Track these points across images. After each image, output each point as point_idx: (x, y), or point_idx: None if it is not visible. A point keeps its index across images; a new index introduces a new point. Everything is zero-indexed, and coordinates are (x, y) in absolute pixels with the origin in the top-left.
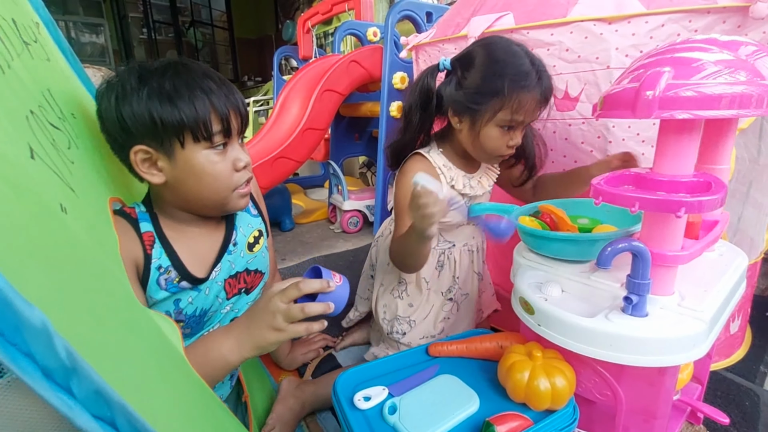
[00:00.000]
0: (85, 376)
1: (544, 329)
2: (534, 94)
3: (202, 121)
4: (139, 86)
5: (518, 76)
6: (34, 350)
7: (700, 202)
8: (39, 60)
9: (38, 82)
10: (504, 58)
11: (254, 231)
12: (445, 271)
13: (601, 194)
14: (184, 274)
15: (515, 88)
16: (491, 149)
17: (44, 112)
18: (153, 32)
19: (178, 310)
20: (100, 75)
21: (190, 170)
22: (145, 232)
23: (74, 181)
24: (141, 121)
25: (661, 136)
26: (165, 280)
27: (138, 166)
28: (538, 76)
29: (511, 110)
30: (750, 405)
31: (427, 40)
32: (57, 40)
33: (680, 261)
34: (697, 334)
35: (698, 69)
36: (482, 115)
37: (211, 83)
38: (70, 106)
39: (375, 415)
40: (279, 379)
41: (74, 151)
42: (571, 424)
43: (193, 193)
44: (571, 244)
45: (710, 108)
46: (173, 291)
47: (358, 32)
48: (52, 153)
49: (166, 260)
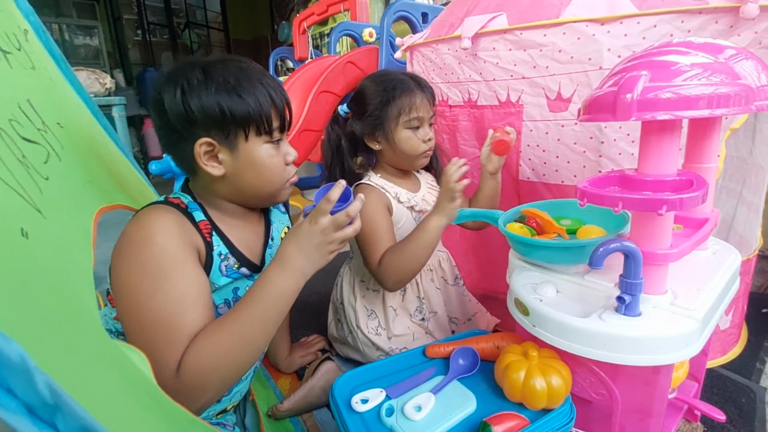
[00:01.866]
0: (71, 412)
1: (539, 330)
2: (417, 93)
3: (265, 114)
4: (206, 80)
5: (400, 84)
6: (14, 386)
7: (681, 199)
8: (20, 69)
9: (13, 94)
10: (384, 77)
11: (284, 227)
12: (408, 293)
13: (586, 196)
14: (243, 261)
15: (401, 92)
16: (411, 149)
17: (16, 126)
18: (148, 34)
19: (236, 298)
20: (94, 78)
21: (252, 163)
22: (200, 221)
23: (44, 200)
24: (210, 112)
25: (643, 138)
26: (225, 266)
27: (201, 158)
28: (416, 82)
29: (408, 110)
30: (746, 402)
31: (422, 40)
32: (47, 46)
33: (670, 259)
34: (690, 333)
35: (676, 72)
36: (389, 125)
37: (269, 80)
38: (57, 114)
39: (372, 417)
40: (278, 381)
41: (54, 164)
42: (568, 423)
43: (250, 185)
44: (562, 251)
45: (689, 108)
46: (235, 277)
47: (353, 33)
48: (18, 171)
49: (224, 248)
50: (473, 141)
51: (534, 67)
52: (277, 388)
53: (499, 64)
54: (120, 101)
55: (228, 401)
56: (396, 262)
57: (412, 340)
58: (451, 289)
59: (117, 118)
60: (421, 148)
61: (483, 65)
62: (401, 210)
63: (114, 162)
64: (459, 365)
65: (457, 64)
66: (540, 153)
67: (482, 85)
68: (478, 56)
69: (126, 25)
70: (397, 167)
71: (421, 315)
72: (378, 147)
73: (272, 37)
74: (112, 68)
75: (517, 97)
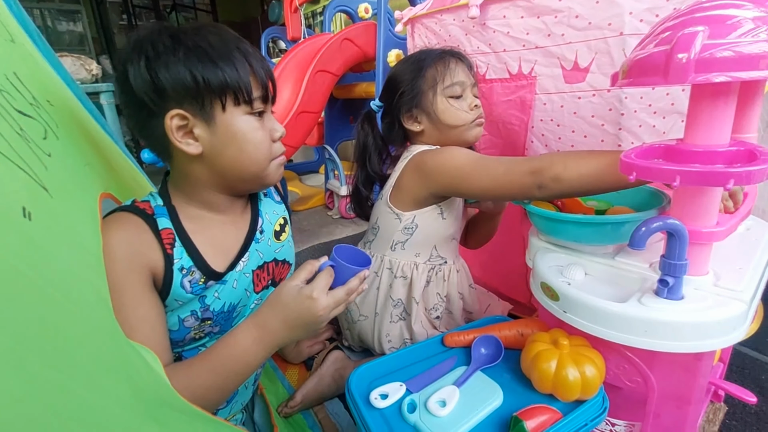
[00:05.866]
0: None
1: (570, 316)
2: (449, 57)
3: (244, 82)
4: (174, 45)
5: (430, 54)
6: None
7: (749, 172)
8: (1, 41)
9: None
10: (413, 55)
11: (279, 218)
12: (431, 287)
13: (634, 169)
14: (209, 273)
15: (432, 59)
16: (456, 119)
17: (8, 98)
18: (133, 18)
19: (204, 308)
20: (79, 64)
21: (232, 137)
22: (163, 229)
23: (50, 178)
24: (180, 81)
25: (693, 104)
26: (189, 282)
27: (173, 133)
28: (449, 51)
29: (444, 76)
30: (766, 379)
31: (424, 11)
32: (21, 21)
33: (716, 238)
34: (738, 316)
35: (734, 26)
36: (427, 97)
37: (247, 47)
38: (45, 92)
39: (394, 413)
40: (287, 372)
41: (52, 142)
42: (601, 413)
43: (232, 164)
44: (596, 228)
45: (749, 69)
46: (198, 292)
47: (348, 9)
48: (18, 144)
49: (188, 260)
50: None
51: (548, 35)
52: (286, 379)
53: (510, 34)
54: (108, 88)
55: (228, 412)
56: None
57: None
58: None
59: (106, 106)
60: (468, 117)
61: (492, 35)
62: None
63: (104, 147)
64: (481, 355)
65: (463, 35)
66: (554, 128)
67: (491, 57)
68: (486, 26)
69: (110, 9)
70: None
71: (438, 312)
72: (419, 127)
73: (262, 17)
74: (98, 54)
75: (529, 69)
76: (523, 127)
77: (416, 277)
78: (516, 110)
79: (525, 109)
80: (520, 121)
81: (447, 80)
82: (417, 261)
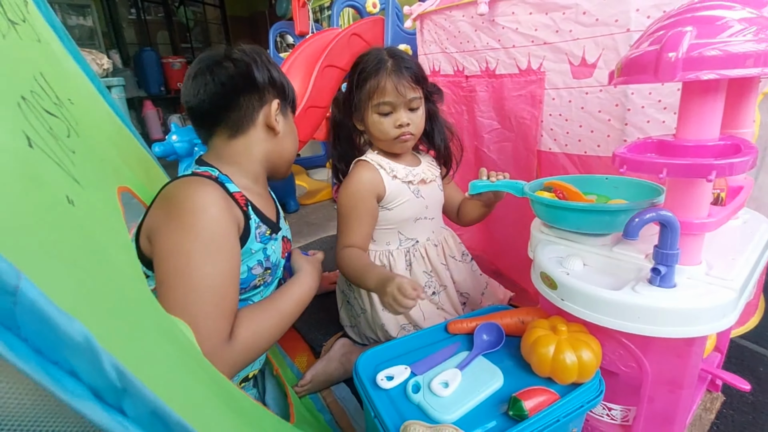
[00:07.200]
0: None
1: (568, 304)
2: (386, 77)
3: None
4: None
5: (372, 65)
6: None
7: (731, 164)
8: (29, 41)
9: (29, 66)
10: (364, 57)
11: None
12: (415, 267)
13: (626, 163)
14: (272, 225)
15: (369, 75)
16: (381, 134)
17: (38, 98)
18: (142, 12)
19: (266, 257)
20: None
21: (291, 131)
22: (234, 192)
23: (77, 172)
24: (281, 83)
25: (683, 100)
26: (259, 233)
27: (273, 114)
28: (394, 62)
29: (374, 94)
30: (764, 371)
31: (433, 7)
32: (49, 19)
33: (707, 228)
34: (727, 303)
35: (722, 27)
36: (364, 107)
37: None
38: (67, 90)
39: (399, 394)
40: (295, 359)
41: (74, 140)
42: (597, 396)
43: (288, 149)
44: (594, 216)
45: (736, 67)
46: (265, 242)
47: (356, 4)
48: (51, 142)
49: (256, 217)
50: (491, 112)
51: (556, 31)
52: (294, 365)
53: (519, 30)
54: (119, 82)
55: (250, 369)
56: (350, 274)
57: (423, 319)
58: (459, 265)
59: (116, 100)
60: (392, 133)
61: (501, 31)
62: (399, 186)
63: (122, 140)
64: (483, 341)
65: (473, 31)
66: (562, 122)
67: (501, 52)
68: (496, 22)
69: (119, 3)
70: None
71: (432, 289)
72: (361, 127)
73: (270, 12)
74: (107, 49)
75: (538, 64)
76: (534, 122)
77: (395, 263)
78: (527, 105)
79: (536, 103)
80: (532, 116)
81: (376, 98)
82: (390, 249)
